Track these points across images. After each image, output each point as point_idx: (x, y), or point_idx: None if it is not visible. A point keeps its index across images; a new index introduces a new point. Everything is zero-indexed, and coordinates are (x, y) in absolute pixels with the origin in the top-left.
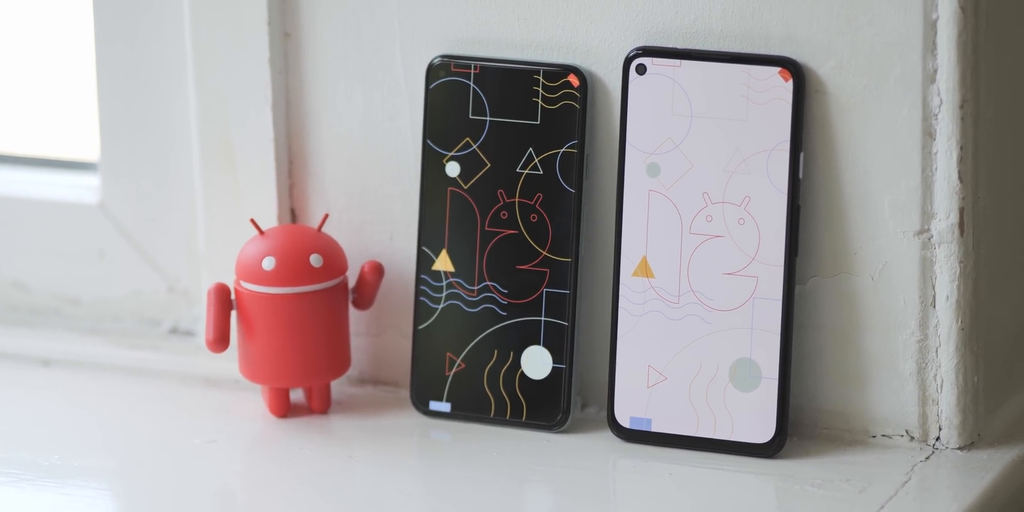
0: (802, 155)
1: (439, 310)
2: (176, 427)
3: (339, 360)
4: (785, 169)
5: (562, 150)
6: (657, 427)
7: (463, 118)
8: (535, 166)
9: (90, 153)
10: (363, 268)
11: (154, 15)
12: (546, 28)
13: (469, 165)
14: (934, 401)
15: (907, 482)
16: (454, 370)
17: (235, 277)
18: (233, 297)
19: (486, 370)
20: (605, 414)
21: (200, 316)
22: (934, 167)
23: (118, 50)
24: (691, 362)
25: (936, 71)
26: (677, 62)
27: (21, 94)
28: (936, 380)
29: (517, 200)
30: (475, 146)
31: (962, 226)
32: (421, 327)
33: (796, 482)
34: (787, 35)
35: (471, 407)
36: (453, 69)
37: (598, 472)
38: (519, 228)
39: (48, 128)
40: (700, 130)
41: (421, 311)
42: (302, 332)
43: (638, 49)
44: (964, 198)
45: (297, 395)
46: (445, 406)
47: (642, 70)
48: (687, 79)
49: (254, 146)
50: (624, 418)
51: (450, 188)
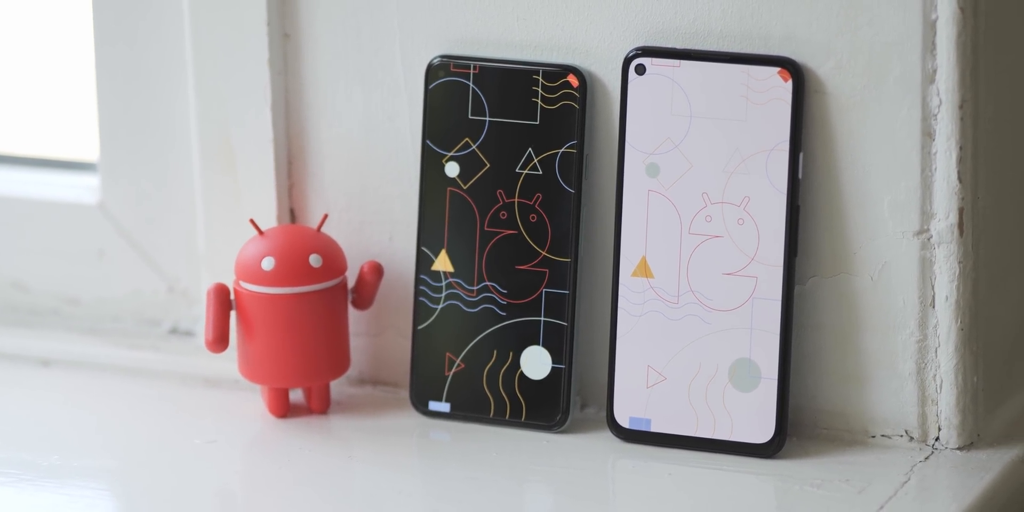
0: (801, 155)
1: (438, 310)
2: (176, 427)
3: (338, 360)
4: (784, 169)
5: (561, 150)
6: (656, 427)
7: (462, 118)
8: (534, 166)
9: (90, 153)
10: (362, 268)
11: (154, 16)
12: (545, 28)
13: (468, 165)
14: (933, 401)
15: (906, 482)
16: (453, 370)
17: (234, 277)
18: (232, 297)
19: (485, 370)
20: (604, 414)
21: (200, 316)
22: (933, 167)
23: (118, 51)
24: (690, 362)
25: (935, 71)
26: (676, 62)
27: (21, 94)
28: (935, 380)
29: (516, 200)
30: (474, 146)
31: (961, 226)
32: (420, 327)
33: (795, 482)
34: (786, 35)
35: (470, 407)
36: (452, 69)
37: (597, 472)
38: (518, 228)
39: (48, 128)
40: (699, 130)
41: (420, 311)
42: (301, 332)
43: (637, 49)
44: (963, 198)
45: (296, 395)
46: (444, 406)
47: (641, 70)
48: (686, 79)
49: (254, 146)
50: (623, 418)
51: (449, 188)
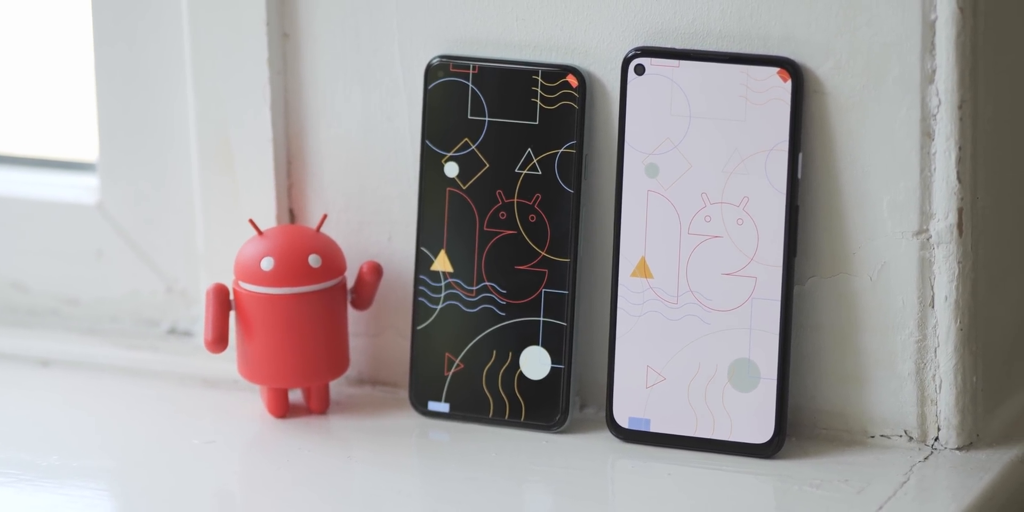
0: (801, 155)
1: (438, 310)
2: (174, 427)
3: (338, 360)
4: (784, 169)
5: (561, 150)
6: (656, 427)
7: (462, 118)
8: (534, 166)
9: (89, 154)
10: (362, 268)
11: (153, 16)
12: (545, 28)
13: (468, 165)
14: (933, 401)
15: (906, 482)
16: (453, 370)
17: (234, 277)
18: (232, 297)
19: (485, 370)
20: (604, 414)
21: (199, 316)
22: (933, 167)
23: (117, 51)
24: (690, 362)
25: (935, 71)
26: (676, 62)
27: (20, 94)
28: (935, 380)
29: (516, 200)
30: (474, 146)
31: (961, 226)
32: (420, 327)
33: (795, 482)
34: (786, 35)
35: (470, 407)
36: (452, 69)
37: (597, 472)
38: (518, 228)
39: (47, 129)
40: (699, 130)
41: (420, 311)
42: (301, 332)
43: (637, 49)
44: (963, 198)
45: (296, 395)
46: (444, 406)
47: (641, 70)
48: (686, 79)
49: (253, 146)
50: (623, 418)
51: (449, 188)
